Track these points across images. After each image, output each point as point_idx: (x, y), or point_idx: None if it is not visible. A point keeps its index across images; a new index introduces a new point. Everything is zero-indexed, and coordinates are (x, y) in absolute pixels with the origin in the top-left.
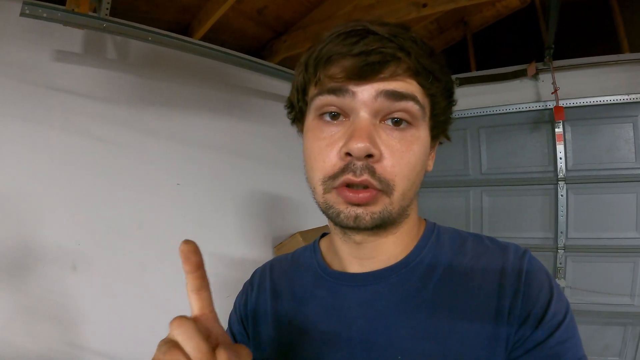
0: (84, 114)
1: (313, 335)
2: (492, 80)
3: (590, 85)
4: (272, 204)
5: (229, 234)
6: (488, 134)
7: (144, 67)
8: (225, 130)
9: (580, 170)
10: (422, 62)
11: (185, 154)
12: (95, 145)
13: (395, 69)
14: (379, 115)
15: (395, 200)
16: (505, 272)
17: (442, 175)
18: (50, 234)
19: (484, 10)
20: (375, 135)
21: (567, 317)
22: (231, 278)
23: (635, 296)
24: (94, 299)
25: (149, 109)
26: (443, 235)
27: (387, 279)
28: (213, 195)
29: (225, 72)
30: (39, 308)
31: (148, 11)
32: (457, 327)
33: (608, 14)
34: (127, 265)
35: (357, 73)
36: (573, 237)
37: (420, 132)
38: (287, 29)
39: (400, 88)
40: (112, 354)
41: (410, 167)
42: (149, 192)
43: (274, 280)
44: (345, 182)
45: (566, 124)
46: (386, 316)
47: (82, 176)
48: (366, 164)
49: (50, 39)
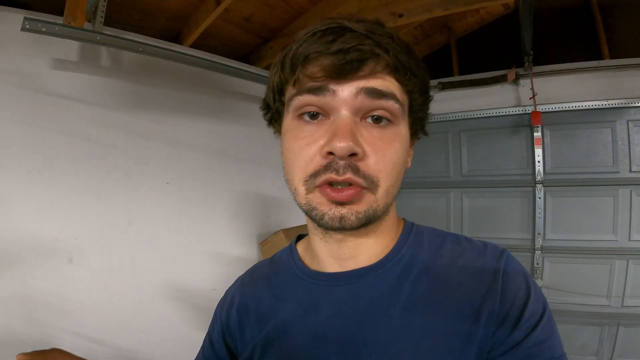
0: (80, 118)
1: (291, 334)
2: (473, 84)
3: (570, 90)
4: (257, 202)
5: (216, 231)
6: (469, 137)
7: (136, 74)
8: (212, 132)
9: (558, 174)
10: (399, 58)
11: (175, 155)
12: (90, 147)
13: (374, 66)
14: (359, 113)
15: (379, 198)
16: (482, 272)
17: (423, 176)
18: (49, 229)
19: (468, 17)
20: (357, 134)
21: (545, 317)
22: (217, 273)
23: (612, 297)
24: (88, 289)
25: (141, 113)
26: (421, 235)
27: (364, 278)
28: (200, 194)
29: (213, 78)
30: (38, 297)
31: (141, 19)
32: (432, 326)
33: (590, 21)
34: (119, 258)
35: (337, 71)
36: (550, 238)
37: (401, 129)
38: (273, 35)
39: (380, 86)
40: (104, 341)
41: (392, 164)
42: (140, 191)
43: (255, 283)
44: (327, 181)
45: (545, 128)
46: (362, 315)
47: (78, 176)
48: (349, 162)
49: (48, 48)
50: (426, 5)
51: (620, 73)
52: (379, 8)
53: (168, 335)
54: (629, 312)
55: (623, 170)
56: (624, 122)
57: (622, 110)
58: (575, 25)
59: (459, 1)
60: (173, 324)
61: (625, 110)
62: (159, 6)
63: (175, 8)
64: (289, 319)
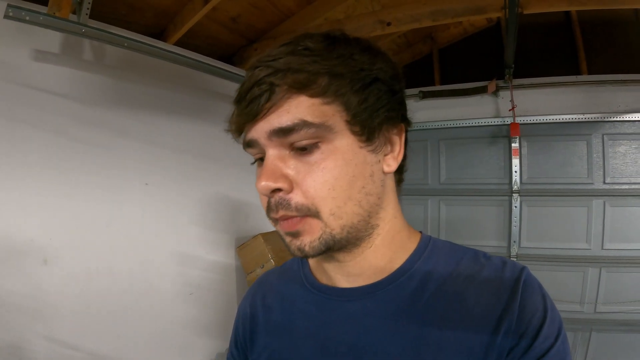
0: (59, 113)
1: (302, 350)
2: (454, 94)
3: (548, 103)
4: (236, 206)
5: (194, 234)
6: (448, 146)
7: (118, 70)
8: (193, 133)
9: (534, 184)
10: (304, 69)
11: (154, 155)
12: (68, 144)
13: (275, 97)
14: (284, 146)
15: (328, 222)
16: (500, 290)
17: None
18: (23, 229)
19: (451, 28)
20: (281, 168)
21: (559, 340)
22: (194, 276)
23: (585, 303)
24: (64, 292)
25: (121, 111)
26: (438, 250)
27: (375, 294)
28: (179, 196)
29: (196, 77)
30: (11, 299)
31: (127, 14)
32: (448, 343)
33: (570, 38)
34: (96, 260)
35: (247, 118)
36: (525, 246)
37: (335, 144)
38: (259, 37)
39: (284, 122)
40: (79, 346)
41: (327, 185)
42: (118, 191)
43: (265, 294)
44: (274, 219)
45: (522, 139)
46: (374, 332)
47: (55, 173)
48: (278, 198)
49: (29, 38)
50: (415, 16)
51: (597, 88)
52: (366, 16)
53: (146, 340)
54: (601, 317)
55: (597, 182)
56: (599, 136)
57: (598, 124)
58: (555, 40)
59: (447, 13)
60: (150, 328)
61: (601, 124)
62: (145, 1)
63: (162, 4)
64: (299, 334)
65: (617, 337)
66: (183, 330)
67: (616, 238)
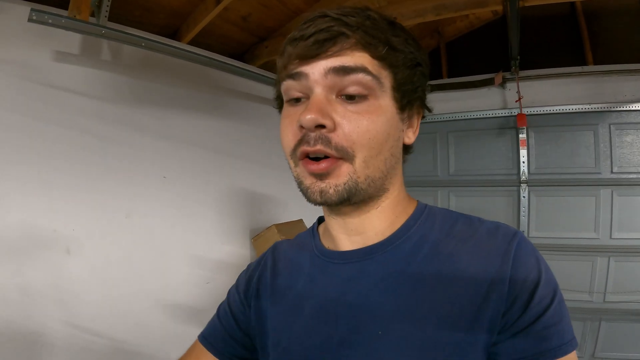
0: (79, 111)
1: (304, 311)
2: (461, 87)
3: (555, 94)
4: (251, 198)
5: (210, 225)
6: (456, 138)
7: (136, 69)
8: (208, 128)
9: (542, 174)
10: (372, 33)
11: (172, 149)
12: (88, 140)
13: (342, 44)
14: (333, 90)
15: (358, 169)
16: (492, 253)
17: (411, 175)
18: (47, 220)
19: (458, 22)
20: (328, 108)
21: (555, 301)
22: (210, 266)
23: (594, 293)
24: (85, 281)
25: (140, 108)
26: (434, 215)
27: (373, 256)
28: (196, 189)
29: (210, 75)
30: (35, 288)
31: (141, 15)
32: (440, 305)
33: (575, 28)
34: (116, 250)
35: (307, 54)
36: (534, 236)
37: (380, 101)
38: (269, 35)
39: (348, 62)
40: (100, 332)
41: (369, 134)
42: (137, 184)
43: (276, 259)
44: (303, 153)
45: (530, 130)
46: (370, 292)
47: (77, 168)
48: (319, 134)
49: (50, 41)
50: (419, 11)
51: (603, 78)
52: None
53: (163, 327)
54: (610, 307)
55: (605, 171)
56: (606, 126)
57: (605, 114)
58: (561, 32)
59: (450, 7)
60: (168, 316)
61: (608, 114)
62: (159, 3)
63: (175, 5)
64: (301, 295)
65: (627, 326)
66: (200, 318)
67: (624, 227)
